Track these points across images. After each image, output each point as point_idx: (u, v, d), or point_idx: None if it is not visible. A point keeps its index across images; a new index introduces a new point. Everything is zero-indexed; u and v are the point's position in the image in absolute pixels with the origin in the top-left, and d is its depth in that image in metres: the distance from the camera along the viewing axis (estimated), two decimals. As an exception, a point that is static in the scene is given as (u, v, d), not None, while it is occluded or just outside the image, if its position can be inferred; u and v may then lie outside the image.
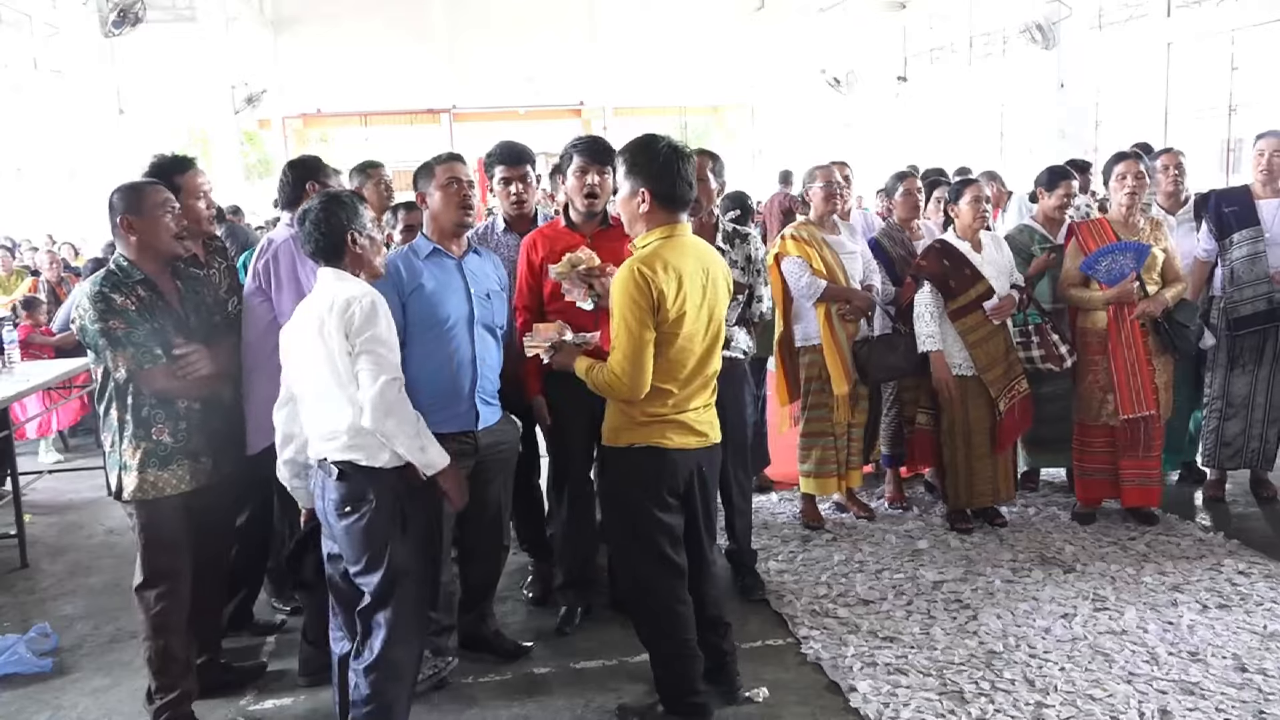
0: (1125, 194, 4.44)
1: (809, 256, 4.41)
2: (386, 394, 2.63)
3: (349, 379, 2.65)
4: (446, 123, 25.46)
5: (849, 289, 4.48)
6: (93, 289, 2.95)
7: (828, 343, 4.45)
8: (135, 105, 18.94)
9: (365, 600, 2.76)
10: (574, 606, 3.77)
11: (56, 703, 3.38)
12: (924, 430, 4.71)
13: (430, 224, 3.29)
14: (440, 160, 3.29)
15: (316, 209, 2.78)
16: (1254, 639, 3.47)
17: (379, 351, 2.65)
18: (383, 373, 2.64)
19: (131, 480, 2.98)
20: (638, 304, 2.77)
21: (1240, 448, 4.77)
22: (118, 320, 2.91)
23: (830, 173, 4.53)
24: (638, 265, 2.79)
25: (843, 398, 4.49)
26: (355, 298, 2.67)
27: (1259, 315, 4.62)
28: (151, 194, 3.03)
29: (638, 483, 2.93)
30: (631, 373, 2.81)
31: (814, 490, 4.67)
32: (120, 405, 2.99)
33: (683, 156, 2.88)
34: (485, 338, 3.26)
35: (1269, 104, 13.40)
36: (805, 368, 4.57)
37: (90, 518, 5.40)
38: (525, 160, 3.86)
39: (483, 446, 3.28)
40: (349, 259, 2.78)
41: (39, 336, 6.86)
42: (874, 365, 4.50)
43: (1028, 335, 4.54)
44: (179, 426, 3.02)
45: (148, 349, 2.94)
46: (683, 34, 23.07)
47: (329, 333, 2.65)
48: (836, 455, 4.58)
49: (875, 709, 3.10)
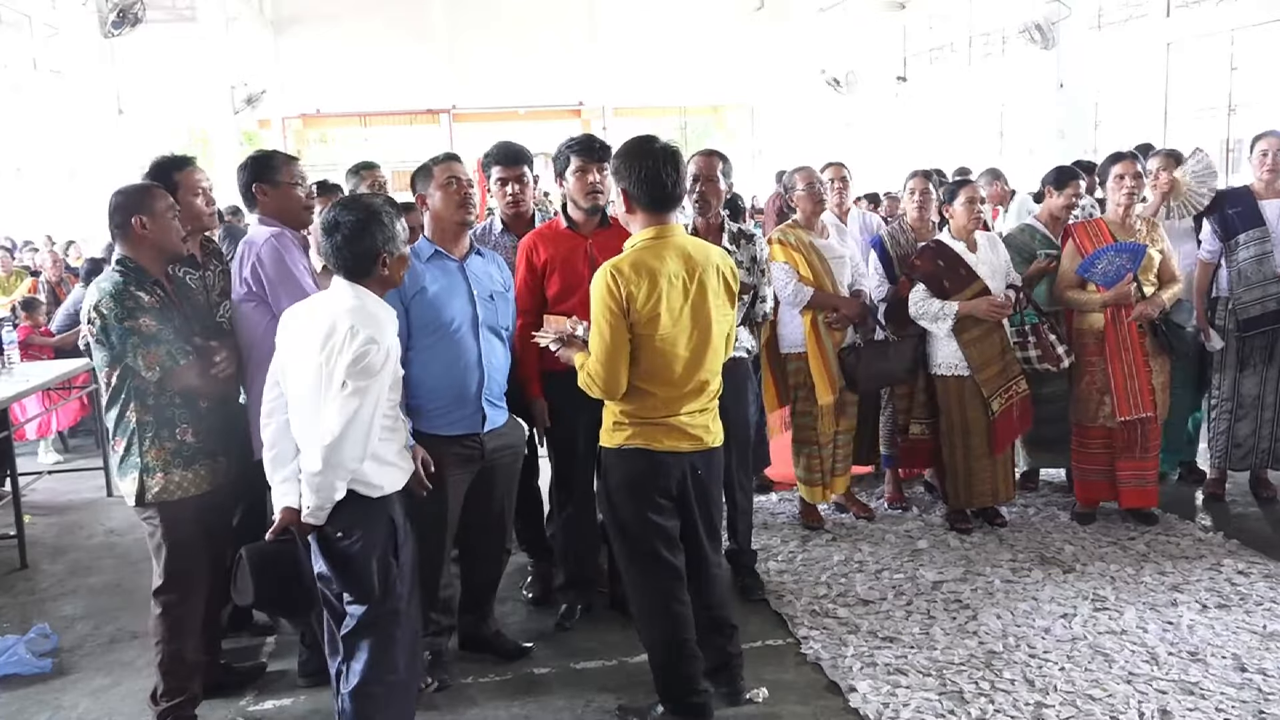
0: (1123, 194, 4.43)
1: (795, 262, 4.35)
2: (343, 447, 2.48)
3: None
4: (446, 123, 25.44)
5: (837, 296, 4.41)
6: (115, 288, 2.89)
7: (812, 351, 4.38)
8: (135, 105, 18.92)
9: (350, 624, 2.68)
10: (574, 605, 3.78)
11: (56, 703, 3.38)
12: (918, 439, 4.69)
13: (432, 225, 3.29)
14: (438, 161, 3.29)
15: (350, 225, 2.59)
16: (1254, 639, 3.47)
17: (365, 403, 2.50)
18: (354, 425, 2.48)
19: (156, 482, 2.95)
20: (608, 306, 2.80)
21: (1252, 448, 4.78)
22: (147, 318, 2.88)
23: (811, 173, 4.46)
24: (610, 268, 2.82)
25: (826, 407, 4.44)
26: (374, 342, 2.51)
27: (1268, 315, 4.62)
28: (160, 196, 3.03)
29: (629, 483, 2.94)
30: (604, 374, 2.84)
31: (805, 496, 4.66)
32: (141, 406, 2.95)
33: (665, 158, 2.86)
34: (491, 340, 3.25)
35: (1269, 104, 13.40)
36: (791, 375, 4.52)
37: (90, 518, 5.40)
38: (522, 160, 3.85)
39: (489, 451, 3.27)
40: (376, 280, 2.65)
41: (38, 337, 6.86)
42: (863, 373, 4.43)
43: (1025, 335, 4.53)
44: (200, 426, 3.02)
45: (179, 346, 2.93)
46: (683, 34, 23.05)
47: (336, 362, 2.51)
48: (821, 464, 4.53)
49: (875, 709, 3.10)
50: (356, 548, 2.63)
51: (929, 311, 4.42)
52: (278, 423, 2.69)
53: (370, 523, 2.65)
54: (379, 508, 2.67)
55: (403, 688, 2.77)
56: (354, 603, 2.68)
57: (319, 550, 2.67)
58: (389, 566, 2.69)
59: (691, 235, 3.12)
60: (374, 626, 2.67)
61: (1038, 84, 16.40)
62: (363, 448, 2.53)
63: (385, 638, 2.69)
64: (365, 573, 2.64)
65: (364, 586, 2.65)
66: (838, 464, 4.60)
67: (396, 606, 2.71)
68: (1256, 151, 4.68)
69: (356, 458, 2.53)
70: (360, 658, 2.67)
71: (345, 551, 2.63)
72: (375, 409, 2.54)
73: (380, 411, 2.58)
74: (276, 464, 2.70)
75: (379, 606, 2.67)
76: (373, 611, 2.67)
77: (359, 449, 2.52)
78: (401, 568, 2.73)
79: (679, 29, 23.01)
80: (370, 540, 2.64)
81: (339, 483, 2.54)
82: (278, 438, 2.69)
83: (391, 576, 2.69)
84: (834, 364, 4.41)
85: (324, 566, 2.68)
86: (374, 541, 2.65)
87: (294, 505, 2.63)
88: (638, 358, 2.85)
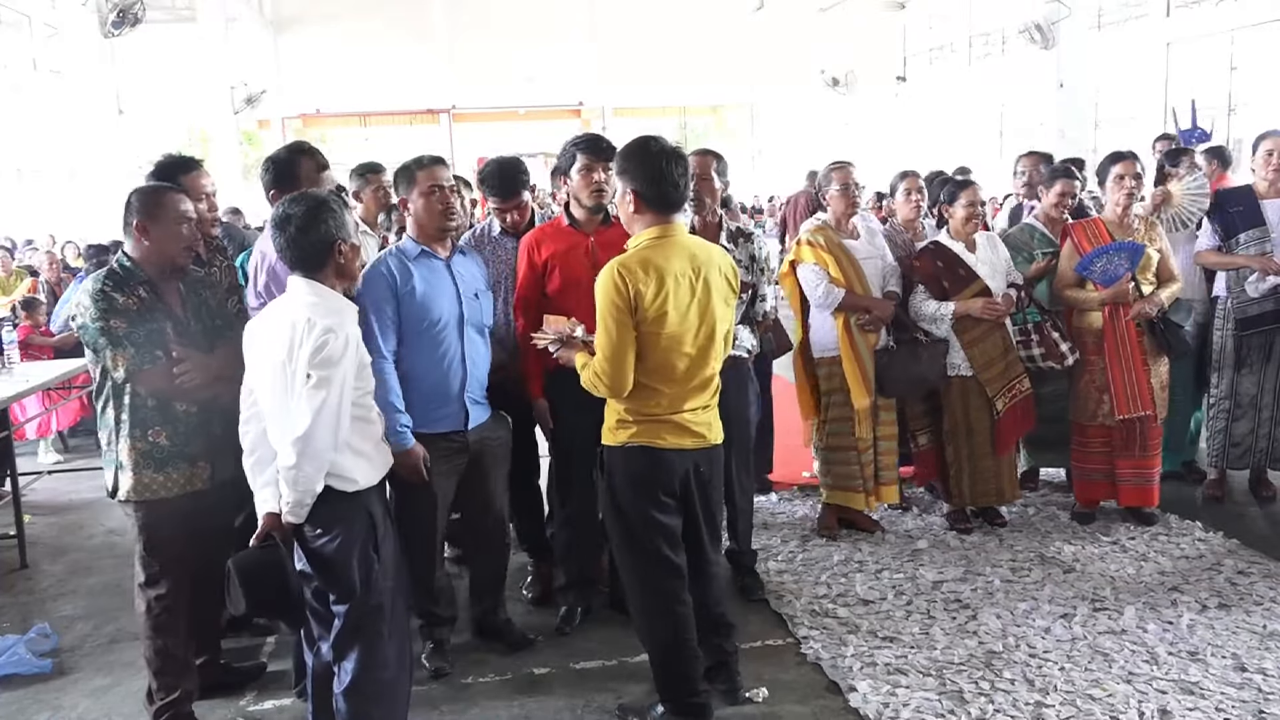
0: (1123, 194, 4.42)
1: (826, 263, 4.28)
2: (314, 437, 2.48)
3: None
4: (446, 123, 25.48)
5: (869, 298, 4.34)
6: (94, 287, 2.93)
7: (847, 354, 4.31)
8: (135, 105, 18.96)
9: (337, 625, 2.68)
10: (574, 606, 3.78)
11: (56, 703, 3.38)
12: (927, 450, 4.68)
13: (415, 228, 3.28)
14: (421, 165, 3.25)
15: (301, 216, 2.60)
16: (1253, 639, 3.47)
17: (330, 392, 2.50)
18: (321, 416, 2.48)
19: (127, 480, 2.98)
20: (615, 304, 2.79)
21: (1249, 447, 4.77)
22: (119, 319, 2.89)
23: (848, 173, 4.37)
24: (617, 266, 2.82)
25: (863, 412, 4.35)
26: (332, 330, 2.52)
27: (1266, 315, 4.61)
28: (172, 204, 2.98)
29: (633, 482, 2.94)
30: (611, 372, 2.83)
31: (840, 501, 4.51)
32: (117, 405, 2.98)
33: (673, 158, 2.87)
34: (474, 338, 3.30)
35: (1269, 104, 13.41)
36: (824, 380, 4.45)
37: (90, 518, 5.40)
38: (519, 188, 3.85)
39: (473, 443, 3.31)
40: (331, 270, 2.64)
41: (38, 337, 6.85)
42: (893, 378, 4.37)
43: (1028, 334, 4.51)
44: (176, 430, 3.00)
45: (147, 350, 2.93)
46: (682, 34, 23.07)
47: (298, 357, 2.52)
48: (862, 470, 4.42)
49: (875, 709, 3.10)
50: (335, 545, 2.62)
51: (926, 313, 4.42)
52: (255, 430, 2.68)
53: (348, 519, 2.64)
54: (356, 503, 2.66)
55: (394, 683, 2.78)
56: (337, 601, 2.68)
57: (299, 549, 2.66)
58: (370, 562, 2.68)
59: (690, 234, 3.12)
60: (360, 625, 2.67)
61: (1037, 84, 16.43)
62: (333, 436, 2.53)
63: (373, 634, 2.69)
64: (346, 570, 2.63)
65: (345, 584, 2.65)
66: (883, 471, 4.50)
67: (380, 601, 2.70)
68: (1260, 151, 4.66)
69: (329, 447, 2.53)
70: (351, 657, 2.68)
71: (324, 549, 2.62)
72: (341, 397, 2.54)
73: (347, 400, 2.58)
74: (256, 470, 2.68)
75: (362, 604, 2.67)
76: (356, 609, 2.67)
77: (330, 438, 2.52)
78: (383, 563, 2.72)
79: (679, 29, 23.03)
80: (349, 537, 2.63)
81: (316, 475, 2.54)
82: (256, 444, 2.68)
83: (373, 572, 2.69)
84: (870, 366, 4.33)
85: (305, 565, 2.67)
86: (353, 538, 2.64)
87: (275, 510, 2.61)
88: (644, 355, 2.85)
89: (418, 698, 3.07)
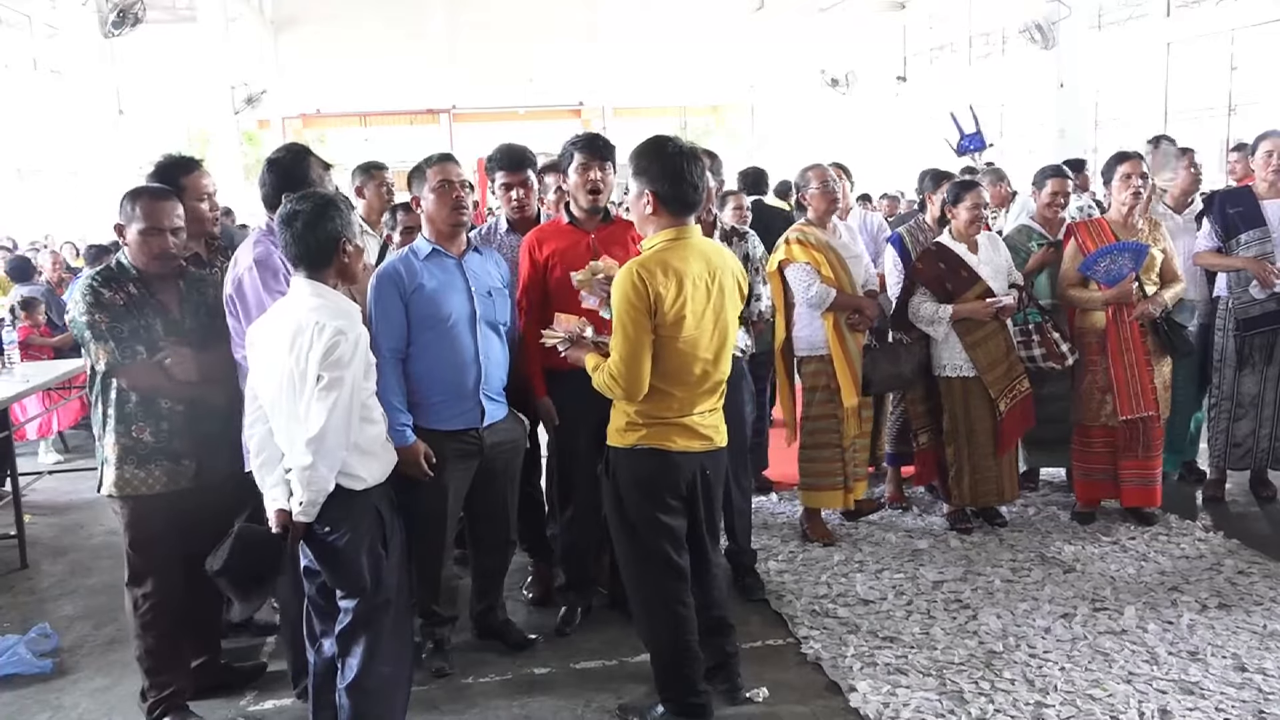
0: (1129, 194, 4.42)
1: (817, 263, 4.28)
2: (328, 438, 2.51)
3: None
4: (446, 123, 25.49)
5: (859, 298, 4.36)
6: (85, 284, 3.00)
7: (837, 353, 4.31)
8: (135, 105, 18.95)
9: (344, 621, 2.70)
10: (574, 606, 3.78)
11: (56, 703, 3.38)
12: (927, 450, 4.68)
13: (427, 226, 3.31)
14: (431, 162, 3.30)
15: (309, 213, 2.62)
16: (1253, 638, 3.47)
17: (342, 393, 2.53)
18: (334, 416, 2.51)
19: (110, 475, 3.01)
20: (634, 306, 2.77)
21: (1250, 448, 4.77)
22: (103, 314, 2.92)
23: (824, 171, 4.38)
24: (636, 268, 2.79)
25: (852, 410, 4.37)
26: (343, 332, 2.55)
27: (1268, 315, 4.61)
28: (151, 215, 2.94)
29: (640, 484, 2.93)
30: (628, 375, 2.81)
31: (817, 504, 4.52)
32: (104, 400, 3.01)
33: (691, 158, 2.86)
34: (489, 335, 3.28)
35: (1269, 104, 13.41)
36: (809, 378, 4.45)
37: (90, 518, 5.40)
38: (526, 165, 3.85)
39: (488, 446, 3.31)
40: (335, 269, 2.67)
41: (38, 337, 6.85)
42: (876, 376, 4.40)
43: (1028, 334, 4.51)
44: (160, 427, 3.01)
45: (128, 345, 2.94)
46: (683, 34, 23.08)
47: (308, 357, 2.53)
48: (844, 468, 4.44)
49: (875, 709, 3.10)
50: (345, 541, 2.65)
51: (925, 315, 4.42)
52: (260, 431, 2.70)
53: (357, 516, 2.67)
54: (364, 500, 2.69)
55: (396, 678, 2.80)
56: (345, 597, 2.70)
57: (306, 546, 2.68)
58: (379, 558, 2.71)
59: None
60: (368, 620, 2.70)
61: (1038, 84, 16.42)
62: (345, 436, 2.58)
63: (378, 630, 2.71)
64: (355, 566, 2.67)
65: (355, 580, 2.68)
66: (856, 468, 4.52)
67: (388, 597, 2.73)
68: (1260, 151, 4.65)
69: (341, 446, 2.57)
70: (356, 652, 2.70)
71: (333, 546, 2.65)
72: (353, 397, 2.58)
73: (358, 400, 2.62)
74: (264, 470, 2.69)
75: (371, 599, 2.70)
76: (365, 604, 2.69)
77: (342, 437, 2.57)
78: (390, 559, 2.75)
79: (679, 29, 23.05)
80: (358, 533, 2.66)
81: (329, 474, 2.57)
82: (263, 444, 2.69)
83: (382, 569, 2.72)
84: (859, 365, 4.35)
85: (312, 561, 2.70)
86: (362, 534, 2.67)
87: (284, 507, 2.62)
88: (660, 358, 2.83)
89: (418, 698, 3.07)
